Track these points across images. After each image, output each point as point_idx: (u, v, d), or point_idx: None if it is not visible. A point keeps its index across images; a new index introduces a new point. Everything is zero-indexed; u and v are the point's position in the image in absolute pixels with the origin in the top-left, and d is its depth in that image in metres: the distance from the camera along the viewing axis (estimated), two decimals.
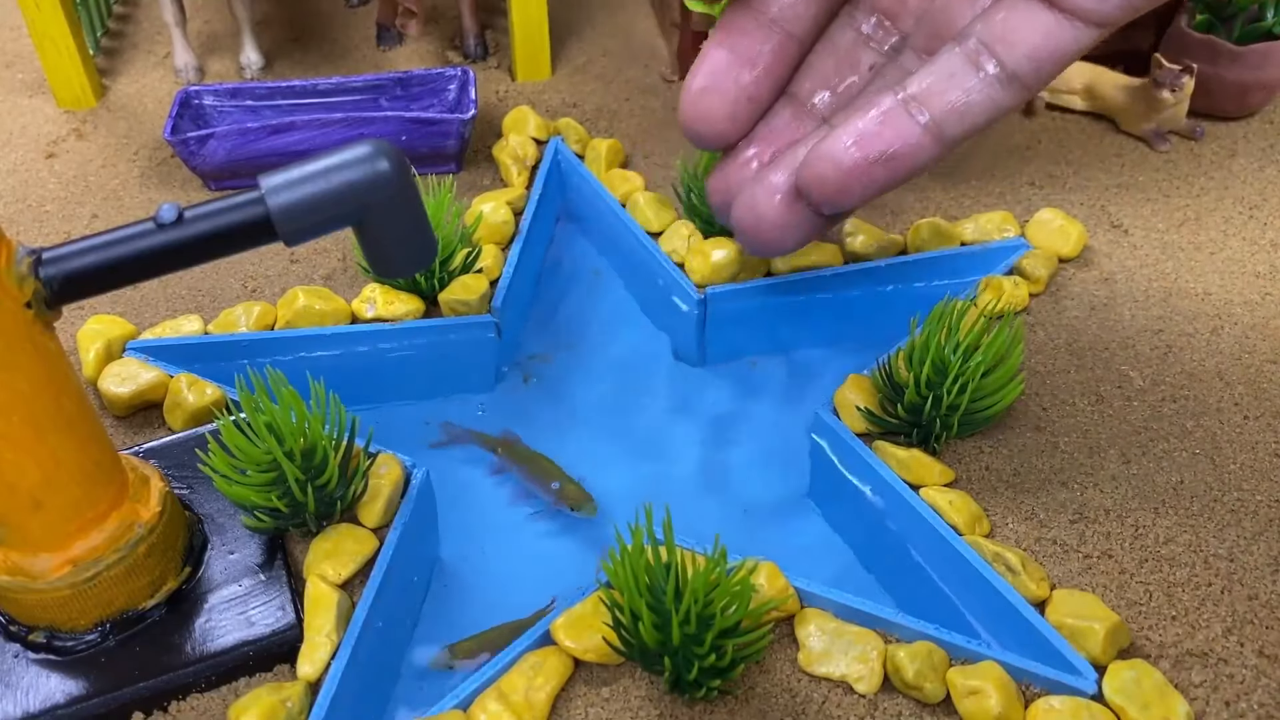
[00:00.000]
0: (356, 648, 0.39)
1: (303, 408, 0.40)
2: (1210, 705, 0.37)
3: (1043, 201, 0.59)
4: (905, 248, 0.55)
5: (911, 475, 0.44)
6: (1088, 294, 0.54)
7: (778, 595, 0.40)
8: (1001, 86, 0.36)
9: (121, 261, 0.33)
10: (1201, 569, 0.41)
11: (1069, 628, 0.39)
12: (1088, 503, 0.44)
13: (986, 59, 0.35)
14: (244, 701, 0.37)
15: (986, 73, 0.36)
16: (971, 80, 0.36)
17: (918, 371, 0.44)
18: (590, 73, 0.71)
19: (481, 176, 0.63)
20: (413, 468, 0.44)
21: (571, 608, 0.39)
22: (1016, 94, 0.36)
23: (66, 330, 0.52)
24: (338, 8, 0.80)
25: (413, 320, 0.51)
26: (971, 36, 0.36)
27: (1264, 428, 0.47)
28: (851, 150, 0.37)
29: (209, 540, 0.42)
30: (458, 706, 0.38)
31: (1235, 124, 0.65)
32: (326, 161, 0.33)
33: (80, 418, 0.36)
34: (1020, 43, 0.35)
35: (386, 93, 0.65)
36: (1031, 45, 0.35)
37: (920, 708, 0.38)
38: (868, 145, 0.37)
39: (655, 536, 0.36)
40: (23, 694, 0.37)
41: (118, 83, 0.72)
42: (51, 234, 0.60)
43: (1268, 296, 0.53)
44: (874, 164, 0.37)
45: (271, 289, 0.55)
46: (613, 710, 0.38)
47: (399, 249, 0.35)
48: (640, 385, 0.54)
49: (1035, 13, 0.35)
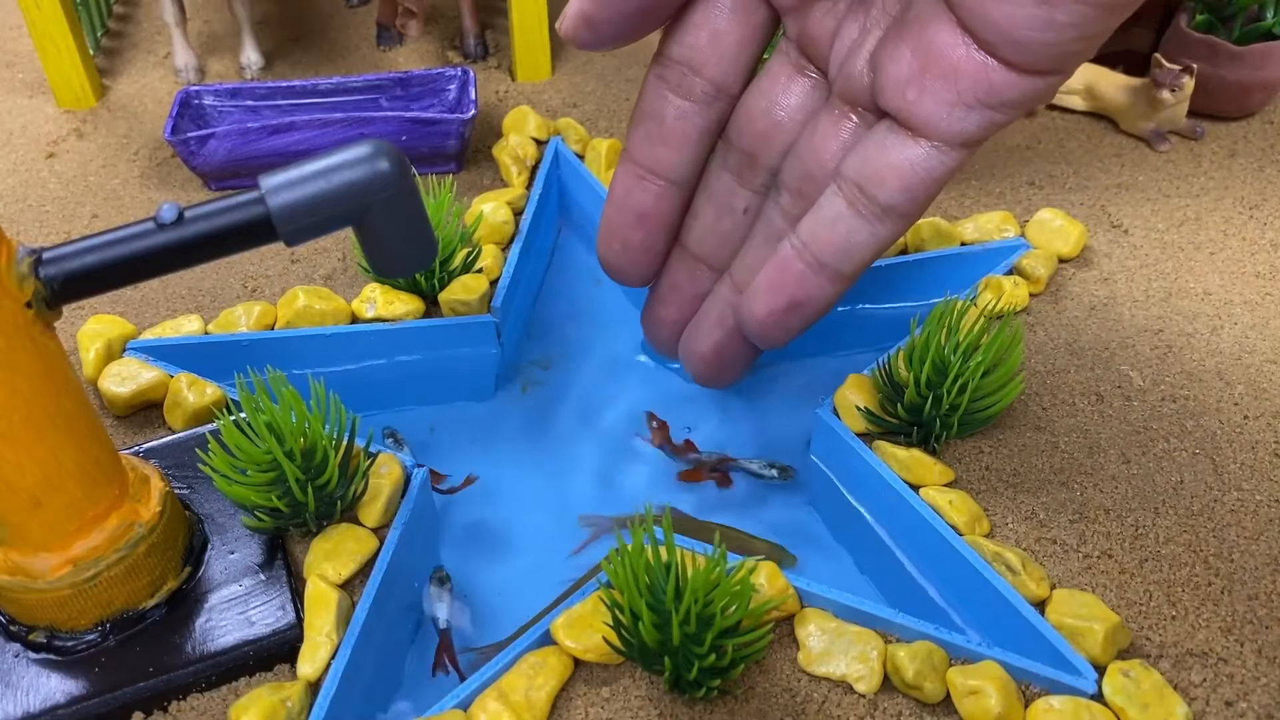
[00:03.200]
0: (356, 648, 0.39)
1: (303, 407, 0.40)
2: (1210, 705, 0.37)
3: (1043, 201, 0.59)
4: (905, 247, 0.55)
5: (911, 475, 0.44)
6: (1088, 294, 0.54)
7: (778, 595, 0.40)
8: (880, 221, 0.37)
9: (121, 261, 0.33)
10: (1201, 569, 0.41)
11: (1069, 628, 0.39)
12: (1088, 503, 0.44)
13: (862, 198, 0.37)
14: (244, 701, 0.37)
15: (865, 211, 0.37)
16: (853, 221, 0.37)
17: (918, 371, 0.44)
18: (590, 73, 0.71)
19: (481, 176, 0.63)
20: (413, 468, 0.44)
21: (571, 608, 0.39)
22: (896, 225, 0.38)
23: (66, 330, 0.52)
24: (338, 8, 0.80)
25: (413, 320, 0.51)
26: (844, 176, 0.37)
27: (1264, 428, 0.47)
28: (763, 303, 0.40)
29: (209, 540, 0.42)
30: (458, 706, 0.38)
31: (1235, 124, 0.65)
32: (327, 161, 0.33)
33: (80, 418, 0.36)
34: (891, 179, 0.36)
35: (386, 93, 0.65)
36: (903, 179, 0.36)
37: (920, 708, 0.38)
38: (775, 296, 0.40)
39: (655, 536, 0.36)
40: (23, 694, 0.37)
41: (118, 83, 0.72)
42: (51, 234, 0.60)
43: (1268, 296, 0.53)
44: (785, 312, 0.40)
45: (271, 289, 0.55)
46: (613, 710, 0.38)
47: (399, 249, 0.35)
48: (640, 393, 0.54)
49: (901, 146, 0.36)
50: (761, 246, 0.42)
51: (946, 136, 0.35)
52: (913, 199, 0.36)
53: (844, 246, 0.38)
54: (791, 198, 0.41)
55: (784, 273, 0.40)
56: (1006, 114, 0.34)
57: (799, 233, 0.39)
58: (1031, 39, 0.32)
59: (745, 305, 0.41)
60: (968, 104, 0.34)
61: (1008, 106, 0.34)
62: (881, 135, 0.36)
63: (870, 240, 0.38)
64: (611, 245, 0.44)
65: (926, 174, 0.36)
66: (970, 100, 0.34)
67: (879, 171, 0.36)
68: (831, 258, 0.39)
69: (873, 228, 0.37)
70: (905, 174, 0.36)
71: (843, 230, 0.38)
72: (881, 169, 0.36)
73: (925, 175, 0.36)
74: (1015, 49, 0.32)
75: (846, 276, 0.39)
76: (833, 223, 0.38)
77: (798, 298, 0.40)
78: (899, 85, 0.35)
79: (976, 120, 0.34)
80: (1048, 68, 0.33)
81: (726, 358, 0.45)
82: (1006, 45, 0.32)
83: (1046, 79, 0.33)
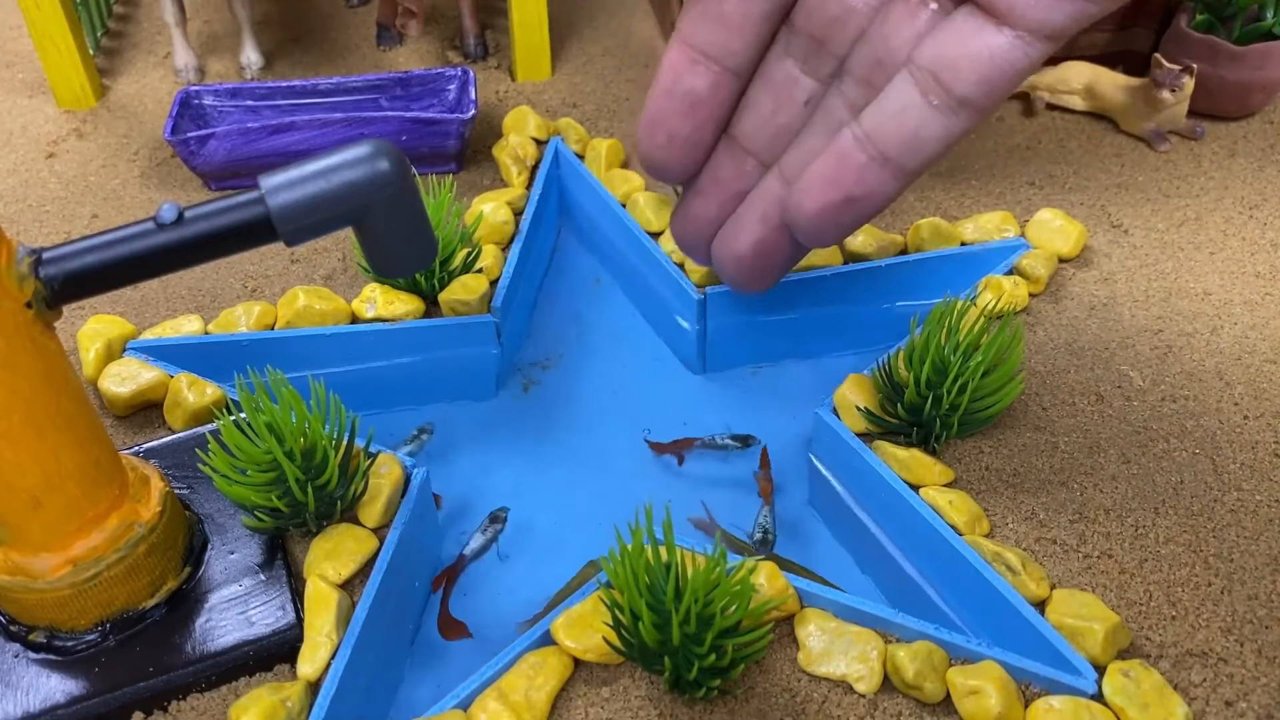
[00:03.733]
0: (356, 647, 0.39)
1: (303, 407, 0.40)
2: (1210, 705, 0.37)
3: (1043, 201, 0.59)
4: (905, 247, 0.55)
5: (911, 475, 0.44)
6: (1087, 294, 0.54)
7: (778, 595, 0.40)
8: (954, 114, 0.35)
9: (122, 261, 0.33)
10: (1201, 569, 0.41)
11: (1069, 628, 0.39)
12: (1088, 503, 0.44)
13: (935, 87, 0.35)
14: (244, 701, 0.37)
15: (938, 102, 0.35)
16: (924, 112, 0.35)
17: (918, 371, 0.44)
18: (590, 73, 0.71)
19: (481, 176, 0.63)
20: (413, 468, 0.44)
21: (571, 608, 0.39)
22: (970, 119, 0.35)
23: (66, 330, 0.52)
24: (338, 8, 0.80)
25: (413, 320, 0.51)
26: (918, 64, 0.35)
27: (1264, 428, 0.47)
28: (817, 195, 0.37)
29: (209, 540, 0.42)
30: (458, 706, 0.38)
31: (1235, 124, 0.65)
32: (327, 161, 0.33)
33: (80, 418, 0.36)
34: (968, 69, 0.34)
35: (386, 93, 0.65)
36: (980, 70, 0.34)
37: (920, 707, 0.38)
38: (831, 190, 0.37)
39: (655, 536, 0.36)
40: (23, 694, 0.37)
41: (118, 83, 0.72)
42: (51, 234, 0.60)
43: (1268, 296, 0.53)
44: (841, 207, 0.37)
45: (271, 289, 0.55)
46: (613, 710, 0.38)
47: (399, 249, 0.35)
48: (641, 393, 0.54)
49: (981, 33, 0.34)
50: (819, 137, 0.39)
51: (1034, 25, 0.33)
52: (991, 92, 0.34)
53: (912, 139, 0.36)
54: (857, 86, 0.38)
55: (843, 164, 0.37)
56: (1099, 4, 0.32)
57: (862, 122, 0.37)
58: None
59: (796, 198, 0.38)
60: None
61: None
62: (962, 22, 0.34)
63: (941, 134, 0.35)
64: (656, 136, 0.40)
65: (1009, 66, 0.34)
66: None
67: (957, 61, 0.34)
68: (897, 150, 0.36)
69: (945, 120, 0.35)
70: (985, 64, 0.34)
71: (912, 121, 0.35)
72: (960, 58, 0.34)
73: (1007, 67, 0.34)
74: None
75: (911, 172, 0.37)
76: (901, 113, 0.35)
77: (856, 192, 0.37)
78: None
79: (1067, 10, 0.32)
80: None
81: (767, 258, 0.41)
82: None
83: None
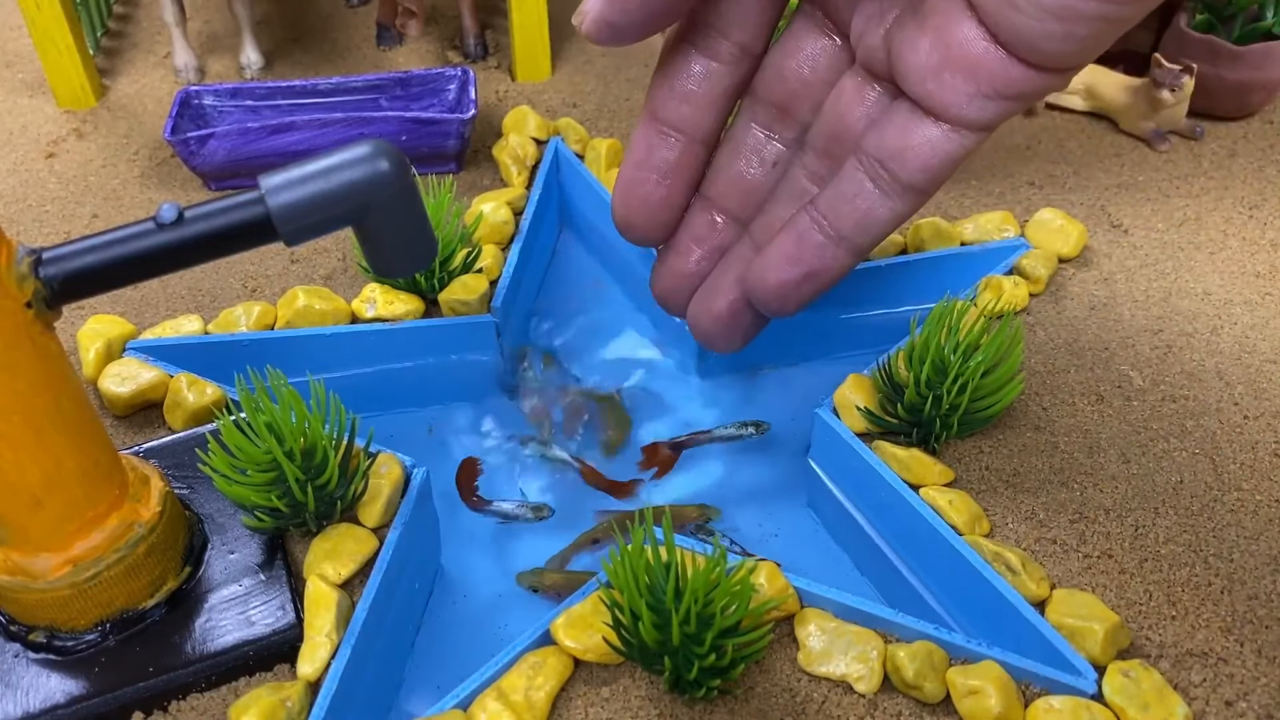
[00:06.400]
0: (356, 648, 0.39)
1: (303, 407, 0.40)
2: (1210, 705, 0.37)
3: (1043, 201, 0.59)
4: (905, 247, 0.55)
5: (911, 475, 0.44)
6: (1087, 294, 0.54)
7: (778, 595, 0.40)
8: (900, 198, 0.38)
9: (121, 261, 0.33)
10: (1201, 569, 0.41)
11: (1069, 628, 0.39)
12: (1088, 503, 0.44)
13: (883, 175, 0.38)
14: (244, 701, 0.37)
15: (885, 187, 0.38)
16: (874, 197, 0.39)
17: (918, 371, 0.44)
18: (590, 73, 0.71)
19: (481, 176, 0.63)
20: (413, 468, 0.44)
21: (571, 607, 0.39)
22: (916, 201, 0.39)
23: (66, 330, 0.52)
24: (338, 8, 0.80)
25: (412, 320, 0.51)
26: (866, 152, 0.38)
27: (1264, 428, 0.47)
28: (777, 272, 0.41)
29: (209, 540, 0.42)
30: (458, 706, 0.38)
31: (1235, 124, 0.65)
32: (327, 161, 0.33)
33: (80, 418, 0.36)
34: (912, 159, 0.37)
35: (386, 93, 0.65)
36: (922, 159, 0.37)
37: (920, 707, 0.38)
38: (791, 267, 0.40)
39: (655, 536, 0.36)
40: (23, 694, 0.37)
41: (118, 83, 0.72)
42: (51, 234, 0.60)
43: (1268, 296, 0.53)
44: (800, 282, 0.41)
45: (271, 289, 0.55)
46: (613, 710, 0.38)
47: (399, 249, 0.35)
48: (640, 394, 0.54)
49: (920, 126, 0.37)
50: (784, 206, 0.43)
51: (966, 123, 0.36)
52: (931, 178, 0.38)
53: (864, 221, 0.39)
54: (817, 158, 0.41)
55: (802, 244, 0.40)
56: (1023, 103, 0.36)
57: (819, 205, 0.40)
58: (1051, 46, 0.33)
59: (758, 272, 0.41)
60: (986, 95, 0.35)
61: (1025, 97, 0.36)
62: (903, 115, 0.38)
63: (889, 215, 0.39)
64: (630, 202, 0.43)
65: (946, 155, 0.37)
66: (989, 91, 0.35)
67: (900, 151, 0.37)
68: (851, 231, 0.40)
69: (893, 203, 0.39)
70: (925, 154, 0.37)
71: (864, 205, 0.39)
72: (902, 149, 0.37)
73: (945, 156, 0.37)
74: (1034, 53, 0.34)
75: (863, 249, 0.40)
76: (854, 197, 0.39)
77: (814, 268, 0.40)
78: (919, 74, 0.36)
79: (994, 109, 0.36)
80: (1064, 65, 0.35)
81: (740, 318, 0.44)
82: (1026, 48, 0.34)
83: (1064, 74, 0.35)
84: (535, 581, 0.44)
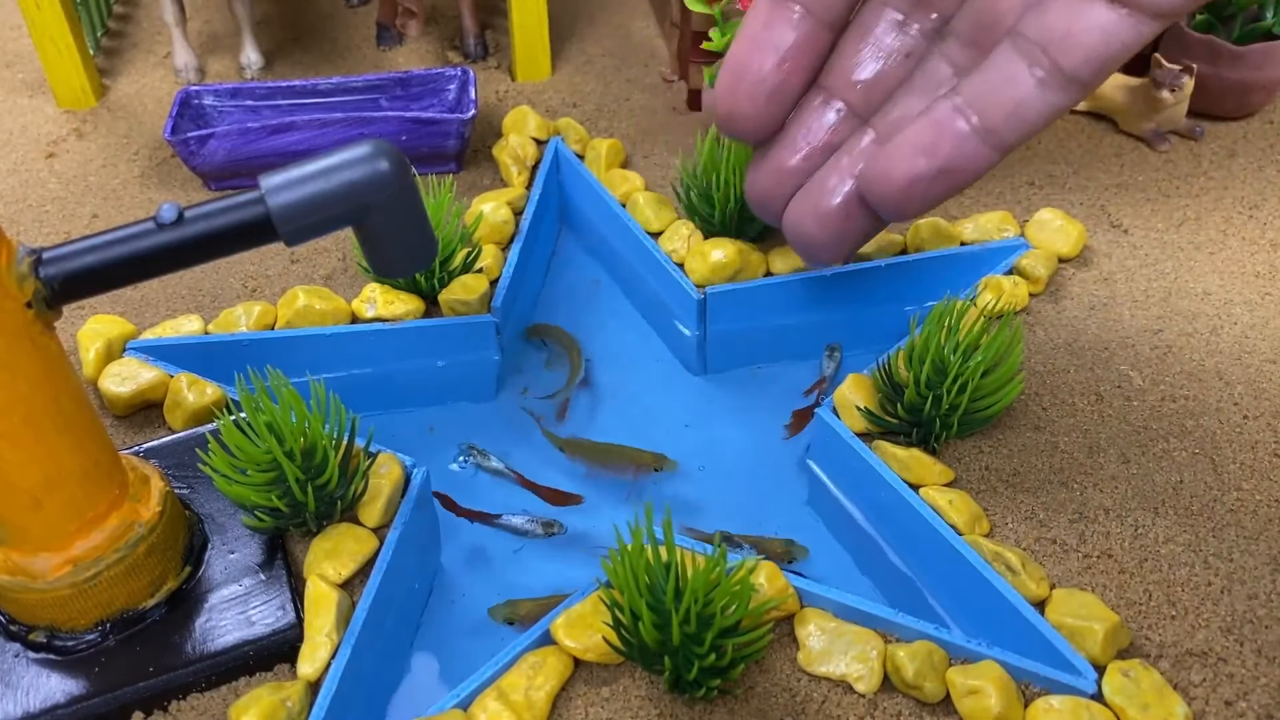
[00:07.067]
0: (356, 647, 0.39)
1: (303, 407, 0.40)
2: (1210, 705, 0.37)
3: (1043, 201, 0.59)
4: (905, 247, 0.55)
5: (911, 475, 0.44)
6: (1087, 294, 0.54)
7: (778, 595, 0.40)
8: (1060, 90, 0.34)
9: (122, 261, 0.33)
10: (1201, 569, 0.41)
11: (1069, 627, 0.39)
12: (1088, 503, 0.44)
13: (1043, 61, 0.34)
14: (244, 701, 0.37)
15: (1044, 76, 0.34)
16: (1029, 85, 0.34)
17: (918, 371, 0.44)
18: (590, 73, 0.71)
19: (481, 176, 0.63)
20: (413, 468, 0.44)
21: (571, 607, 0.39)
22: (1075, 95, 0.34)
23: (66, 330, 0.52)
24: (338, 8, 0.80)
25: (413, 320, 0.51)
26: (1025, 36, 0.34)
27: (1264, 428, 0.47)
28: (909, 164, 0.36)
29: (209, 540, 0.42)
30: (458, 706, 0.38)
31: (1235, 124, 0.65)
32: (326, 161, 0.33)
33: (80, 418, 0.36)
34: (1078, 45, 0.33)
35: (386, 93, 0.65)
36: (1090, 47, 0.33)
37: (920, 707, 0.38)
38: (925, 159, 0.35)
39: (655, 536, 0.36)
40: (23, 693, 0.37)
41: (118, 83, 0.72)
42: (51, 234, 0.60)
43: (1268, 296, 0.53)
44: (934, 178, 0.36)
45: (271, 289, 0.55)
46: (613, 710, 0.38)
47: (399, 249, 0.35)
48: (640, 393, 0.54)
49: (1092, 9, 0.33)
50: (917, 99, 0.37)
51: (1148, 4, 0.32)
52: (1100, 70, 0.33)
53: (1015, 112, 0.34)
54: (962, 47, 0.37)
55: (940, 133, 0.35)
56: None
57: (963, 91, 0.35)
58: None
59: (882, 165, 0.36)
60: None
61: None
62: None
63: (1045, 109, 0.34)
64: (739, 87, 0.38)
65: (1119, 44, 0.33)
66: None
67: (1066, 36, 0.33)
68: (999, 123, 0.35)
69: (1050, 96, 0.34)
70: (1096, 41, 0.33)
71: (1017, 94, 0.34)
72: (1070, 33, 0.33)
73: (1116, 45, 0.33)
74: None
75: (1010, 146, 0.35)
76: (1005, 85, 0.34)
77: (952, 163, 0.35)
78: None
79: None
80: None
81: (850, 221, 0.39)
82: None
83: None
84: (510, 613, 0.43)
